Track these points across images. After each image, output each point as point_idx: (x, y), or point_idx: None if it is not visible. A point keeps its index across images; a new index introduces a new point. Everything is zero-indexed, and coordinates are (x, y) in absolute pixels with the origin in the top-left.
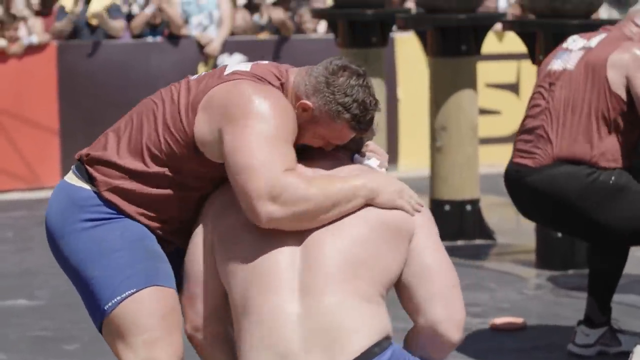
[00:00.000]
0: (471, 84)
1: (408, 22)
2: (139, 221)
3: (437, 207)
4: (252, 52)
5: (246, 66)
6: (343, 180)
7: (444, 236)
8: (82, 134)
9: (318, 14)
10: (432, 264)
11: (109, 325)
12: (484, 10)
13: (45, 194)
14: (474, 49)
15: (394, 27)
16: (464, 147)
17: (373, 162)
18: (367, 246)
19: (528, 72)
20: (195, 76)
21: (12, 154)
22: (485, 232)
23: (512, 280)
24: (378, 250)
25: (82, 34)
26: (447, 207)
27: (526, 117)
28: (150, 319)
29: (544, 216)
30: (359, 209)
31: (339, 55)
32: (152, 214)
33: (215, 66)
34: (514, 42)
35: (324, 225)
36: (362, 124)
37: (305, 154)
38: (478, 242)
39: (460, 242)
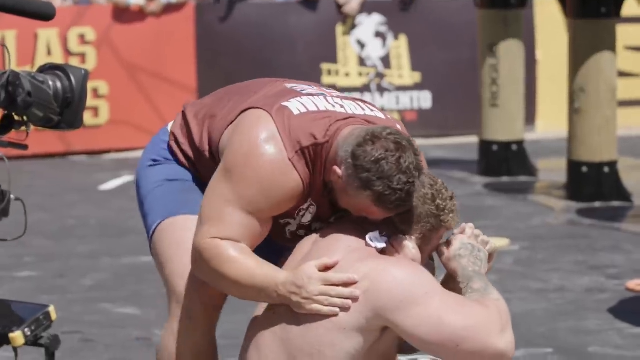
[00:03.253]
0: (611, 46)
1: None
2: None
3: (574, 168)
4: (389, 12)
5: (300, 109)
6: (267, 274)
7: (581, 197)
8: None
9: None
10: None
11: (153, 257)
12: None
13: None
14: (613, 11)
15: None
16: (602, 109)
17: (378, 243)
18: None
19: None
20: (289, 85)
21: (150, 112)
22: (623, 194)
23: None
24: None
25: None
26: (584, 169)
27: None
28: (169, 249)
29: None
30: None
31: (481, 22)
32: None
33: (353, 26)
34: None
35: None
36: (389, 203)
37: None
38: (615, 204)
39: (597, 204)
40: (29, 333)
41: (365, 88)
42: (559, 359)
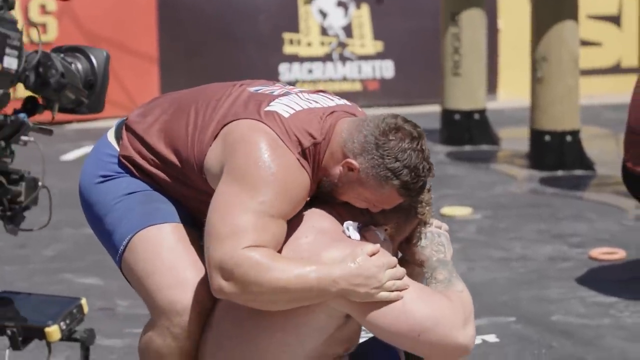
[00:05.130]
0: (573, 15)
1: None
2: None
3: (537, 137)
4: None
5: (287, 111)
6: (318, 270)
7: (544, 166)
8: (181, 63)
9: None
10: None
11: (126, 276)
12: None
13: None
14: None
15: None
16: (564, 78)
17: (353, 233)
18: None
19: (630, 4)
20: (252, 88)
21: (112, 82)
22: (585, 163)
23: (612, 211)
24: None
25: None
26: (547, 138)
27: (631, 113)
28: (147, 263)
29: None
30: None
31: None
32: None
33: None
34: None
35: None
36: (412, 191)
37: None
38: (578, 172)
39: (560, 173)
40: (64, 327)
41: (327, 57)
42: (522, 327)
